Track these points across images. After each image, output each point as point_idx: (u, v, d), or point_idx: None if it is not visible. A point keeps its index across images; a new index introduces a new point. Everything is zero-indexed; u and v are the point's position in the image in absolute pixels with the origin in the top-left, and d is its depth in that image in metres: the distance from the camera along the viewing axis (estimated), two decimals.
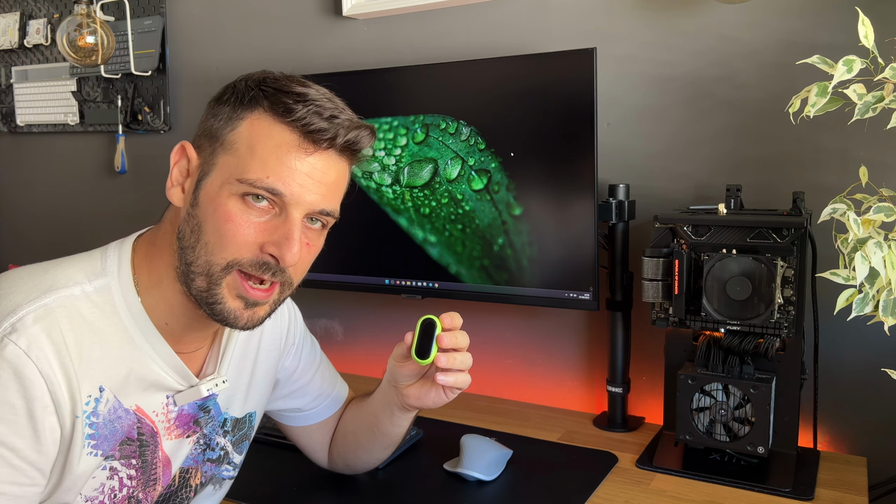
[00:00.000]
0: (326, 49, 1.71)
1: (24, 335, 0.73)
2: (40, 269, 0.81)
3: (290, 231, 0.78)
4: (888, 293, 0.93)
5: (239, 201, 0.78)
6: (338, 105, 0.81)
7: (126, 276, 0.82)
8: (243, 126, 0.79)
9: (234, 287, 0.80)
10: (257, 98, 0.79)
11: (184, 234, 0.80)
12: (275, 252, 0.78)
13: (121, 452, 0.82)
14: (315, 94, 0.80)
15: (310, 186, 0.79)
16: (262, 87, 0.80)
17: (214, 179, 0.79)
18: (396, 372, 0.96)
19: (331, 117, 0.79)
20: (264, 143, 0.78)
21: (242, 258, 0.78)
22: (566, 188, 1.29)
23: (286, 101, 0.78)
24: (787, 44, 1.25)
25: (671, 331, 1.23)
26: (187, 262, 0.80)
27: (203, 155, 0.81)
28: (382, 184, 1.46)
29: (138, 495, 0.86)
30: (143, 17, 1.98)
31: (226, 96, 0.82)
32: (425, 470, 1.18)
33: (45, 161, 2.29)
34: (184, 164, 0.83)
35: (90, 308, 0.79)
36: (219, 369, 0.92)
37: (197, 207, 0.80)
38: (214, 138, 0.80)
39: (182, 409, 0.88)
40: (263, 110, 0.79)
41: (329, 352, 1.17)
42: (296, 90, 0.79)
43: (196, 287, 0.80)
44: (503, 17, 1.49)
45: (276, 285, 0.82)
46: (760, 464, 1.15)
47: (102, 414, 0.79)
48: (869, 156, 1.20)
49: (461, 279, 1.41)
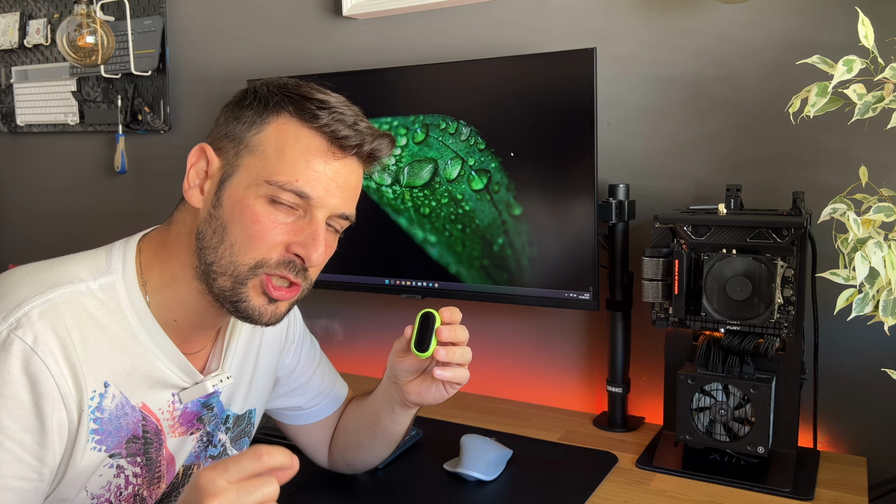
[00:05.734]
0: (326, 49, 1.71)
1: (29, 330, 0.73)
2: (45, 266, 0.82)
3: (316, 232, 0.80)
4: (888, 293, 0.93)
5: (266, 202, 0.79)
6: (356, 112, 0.84)
7: (131, 274, 0.83)
8: (269, 129, 0.81)
9: (258, 286, 0.81)
10: (282, 103, 0.81)
11: (204, 234, 0.81)
12: (301, 252, 0.80)
13: (127, 450, 0.83)
14: (335, 101, 0.82)
15: (334, 190, 0.81)
16: (286, 93, 0.81)
17: (240, 181, 0.80)
18: (396, 367, 0.96)
19: (353, 124, 0.82)
20: (292, 146, 0.80)
21: (270, 258, 0.80)
22: (566, 188, 1.29)
23: (310, 107, 0.80)
24: (787, 44, 1.25)
25: (671, 331, 1.23)
26: (208, 262, 0.81)
27: (225, 157, 0.82)
28: (382, 184, 1.46)
29: (143, 493, 0.86)
30: (143, 17, 1.98)
31: (247, 101, 0.83)
32: (425, 470, 1.18)
33: (45, 161, 2.29)
34: (202, 166, 0.83)
35: (95, 304, 0.79)
36: (222, 366, 0.92)
37: (220, 209, 0.80)
38: (238, 140, 0.81)
39: (186, 406, 0.88)
40: (289, 115, 0.81)
41: (329, 352, 1.18)
42: (317, 97, 0.82)
43: (219, 286, 0.81)
44: (503, 17, 1.49)
45: (299, 287, 0.84)
46: (760, 464, 1.15)
47: (108, 409, 0.80)
48: (869, 156, 1.20)
49: (461, 279, 1.41)
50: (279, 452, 0.65)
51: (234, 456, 0.65)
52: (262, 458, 0.64)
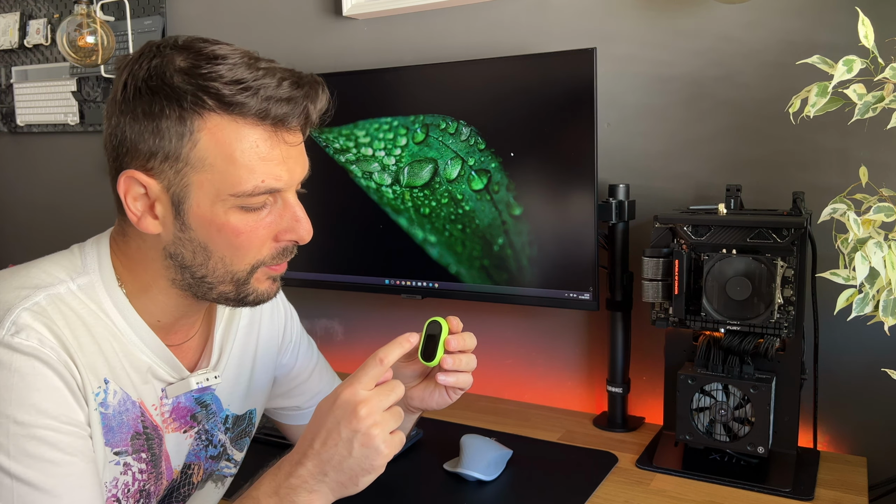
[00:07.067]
0: (326, 49, 1.71)
1: (32, 334, 0.73)
2: (20, 269, 0.81)
3: (295, 212, 0.80)
4: (888, 293, 0.93)
5: (238, 212, 0.77)
6: (270, 68, 0.76)
7: (108, 272, 0.82)
8: (204, 138, 0.74)
9: (261, 276, 0.82)
10: (197, 99, 0.73)
11: (181, 255, 0.79)
12: (291, 237, 0.81)
13: (133, 447, 0.83)
14: (243, 71, 0.74)
15: (293, 166, 0.79)
16: (191, 82, 0.73)
17: (199, 201, 0.76)
18: (399, 373, 0.96)
19: (286, 97, 0.75)
20: (240, 148, 0.75)
21: (264, 257, 0.80)
22: (566, 188, 1.29)
23: (230, 94, 0.73)
24: (787, 44, 1.25)
25: (671, 331, 1.23)
26: (198, 276, 0.80)
27: (163, 177, 0.76)
28: (382, 184, 1.46)
29: (149, 488, 0.86)
30: (143, 17, 1.98)
31: (154, 106, 0.74)
32: (425, 470, 1.18)
33: (45, 161, 2.29)
34: (138, 191, 0.77)
35: (79, 304, 0.79)
36: (214, 364, 0.92)
37: (190, 231, 0.78)
38: (173, 159, 0.75)
39: (178, 402, 0.88)
40: (215, 113, 0.74)
41: (329, 352, 1.18)
42: (225, 74, 0.73)
43: (219, 291, 0.81)
44: (503, 17, 1.49)
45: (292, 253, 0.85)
46: (760, 464, 1.15)
47: (112, 405, 0.80)
48: (869, 156, 1.20)
49: (461, 279, 1.41)
50: (393, 350, 0.80)
51: (360, 368, 0.78)
52: (384, 362, 0.78)
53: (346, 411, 0.75)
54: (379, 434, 0.74)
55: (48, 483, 0.71)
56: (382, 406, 0.76)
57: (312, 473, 0.76)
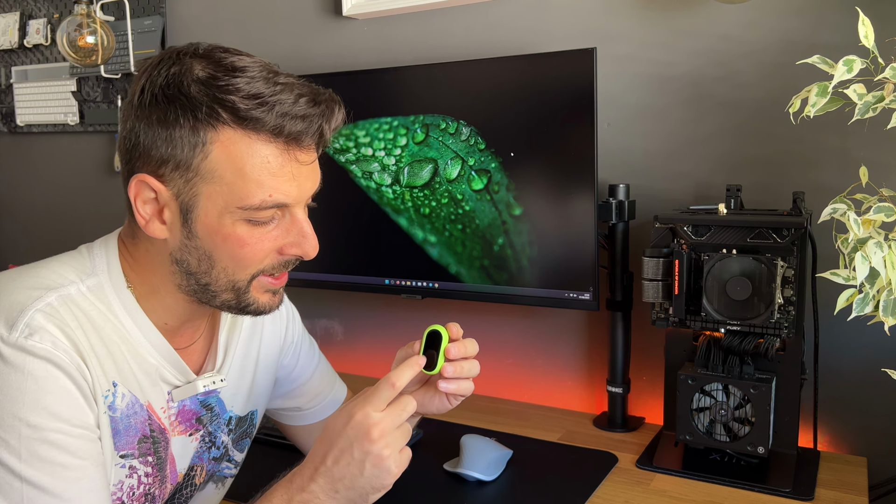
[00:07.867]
0: (326, 49, 1.71)
1: (45, 336, 0.73)
2: (29, 269, 0.80)
3: (302, 228, 0.80)
4: (888, 293, 0.93)
5: (245, 224, 0.77)
6: (289, 83, 0.76)
7: (117, 274, 0.82)
8: (216, 151, 0.74)
9: (260, 287, 0.82)
10: (213, 111, 0.73)
11: (187, 262, 0.80)
12: (296, 252, 0.81)
13: (139, 450, 0.83)
14: (261, 85, 0.74)
15: (304, 182, 0.80)
16: (207, 93, 0.73)
17: (208, 211, 0.76)
18: None
19: (302, 114, 0.75)
20: (251, 163, 0.75)
21: (265, 267, 0.81)
22: (566, 188, 1.29)
23: (246, 108, 0.73)
24: (787, 44, 1.25)
25: (671, 331, 1.23)
26: (203, 284, 0.81)
27: (173, 184, 0.76)
28: (382, 184, 1.46)
29: (154, 492, 0.86)
30: (143, 17, 1.98)
31: (170, 115, 0.74)
32: (425, 470, 1.18)
33: (45, 161, 2.29)
34: (148, 195, 0.77)
35: (89, 305, 0.79)
36: (219, 367, 0.92)
37: (196, 239, 0.78)
38: (184, 168, 0.75)
39: (184, 405, 0.88)
40: (229, 126, 0.74)
41: (329, 352, 1.18)
42: (243, 87, 0.73)
43: (222, 300, 0.82)
44: (503, 17, 1.49)
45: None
46: (760, 464, 1.15)
47: (120, 408, 0.80)
48: (869, 156, 1.20)
49: (461, 279, 1.41)
50: (404, 373, 0.81)
51: (373, 390, 0.79)
52: (396, 385, 0.80)
53: (360, 433, 0.77)
54: (390, 455, 0.77)
55: (58, 487, 0.71)
56: (394, 426, 0.78)
57: (324, 489, 0.78)
